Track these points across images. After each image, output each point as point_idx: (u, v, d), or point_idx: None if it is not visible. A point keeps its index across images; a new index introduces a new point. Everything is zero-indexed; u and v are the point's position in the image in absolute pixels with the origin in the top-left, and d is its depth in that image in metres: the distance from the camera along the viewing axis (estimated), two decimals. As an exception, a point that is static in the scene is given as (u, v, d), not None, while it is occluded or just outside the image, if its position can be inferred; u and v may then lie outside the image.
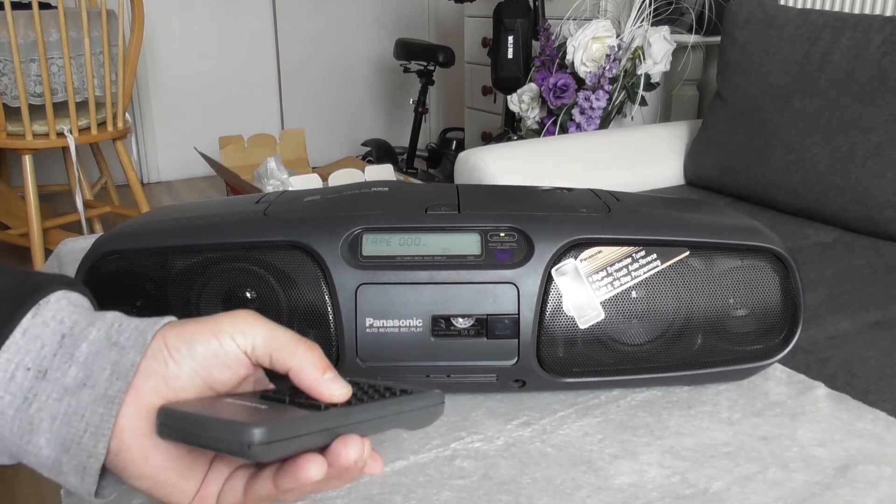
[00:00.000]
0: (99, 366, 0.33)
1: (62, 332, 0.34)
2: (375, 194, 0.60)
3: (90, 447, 0.32)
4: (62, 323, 0.35)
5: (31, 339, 0.34)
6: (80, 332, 0.35)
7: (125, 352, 0.34)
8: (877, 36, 1.44)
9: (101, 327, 0.35)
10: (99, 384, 0.33)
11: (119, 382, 0.33)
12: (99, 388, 0.33)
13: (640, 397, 0.56)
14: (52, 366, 0.33)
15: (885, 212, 1.35)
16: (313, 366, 0.36)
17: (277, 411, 0.35)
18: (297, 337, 0.37)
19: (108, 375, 0.33)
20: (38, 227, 2.17)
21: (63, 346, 0.34)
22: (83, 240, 0.85)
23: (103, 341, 0.34)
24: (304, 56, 3.83)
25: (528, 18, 2.28)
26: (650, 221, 0.55)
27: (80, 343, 0.34)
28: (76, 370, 0.33)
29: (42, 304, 0.35)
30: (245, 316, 0.36)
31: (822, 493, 0.45)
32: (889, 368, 0.92)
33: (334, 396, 0.35)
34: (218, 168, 2.45)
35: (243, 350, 0.36)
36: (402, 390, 0.39)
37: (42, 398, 0.33)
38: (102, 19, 2.19)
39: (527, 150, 1.74)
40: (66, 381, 0.33)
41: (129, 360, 0.33)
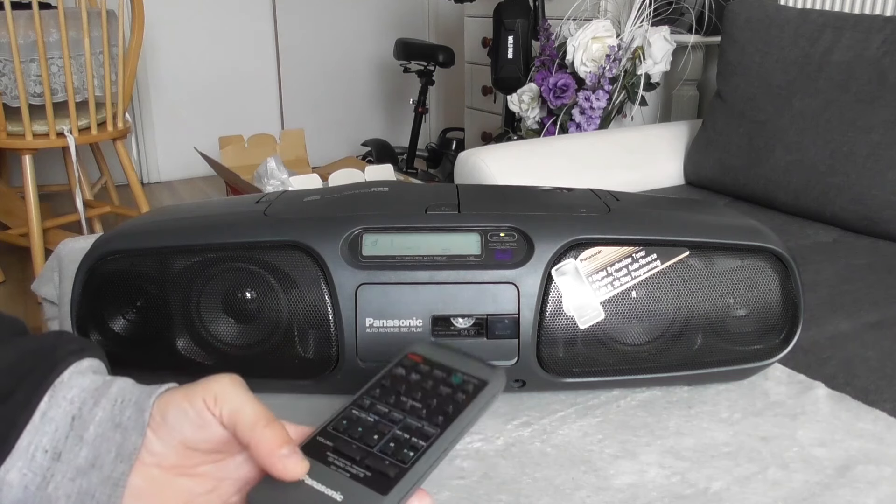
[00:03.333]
0: (105, 448, 0.36)
1: (72, 414, 0.37)
2: (375, 194, 0.60)
3: None
4: (72, 403, 0.37)
5: (47, 422, 0.36)
6: (87, 412, 0.37)
7: (128, 434, 0.36)
8: (877, 36, 1.44)
9: (105, 406, 0.37)
10: (105, 466, 0.35)
11: (123, 465, 0.35)
12: (105, 470, 0.35)
13: (640, 397, 0.56)
14: (66, 448, 0.36)
15: (885, 212, 1.35)
16: (269, 442, 0.35)
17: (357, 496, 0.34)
18: (261, 414, 0.36)
19: (112, 458, 0.35)
20: (38, 227, 2.16)
21: (73, 429, 0.36)
22: (83, 240, 0.85)
23: (108, 423, 0.36)
24: (304, 56, 3.83)
25: (528, 18, 2.28)
26: (650, 221, 0.55)
27: (88, 425, 0.36)
28: (86, 452, 0.36)
29: (57, 384, 0.37)
30: (223, 382, 0.37)
31: (822, 493, 0.45)
32: (889, 368, 0.92)
33: (287, 471, 0.35)
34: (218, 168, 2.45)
35: (212, 413, 0.36)
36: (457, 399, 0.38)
37: (58, 478, 0.35)
38: (102, 19, 2.19)
39: (527, 150, 1.73)
40: (79, 461, 0.36)
41: (132, 443, 0.36)
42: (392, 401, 0.39)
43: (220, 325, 0.53)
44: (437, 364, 0.40)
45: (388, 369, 0.41)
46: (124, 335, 0.54)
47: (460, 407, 0.37)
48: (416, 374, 0.40)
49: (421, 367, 0.40)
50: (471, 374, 0.39)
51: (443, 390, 0.39)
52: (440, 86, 3.92)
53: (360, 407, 0.39)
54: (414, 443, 0.36)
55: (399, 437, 0.36)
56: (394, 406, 0.38)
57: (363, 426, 0.37)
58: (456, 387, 0.39)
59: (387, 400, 0.39)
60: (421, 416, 0.37)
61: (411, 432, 0.36)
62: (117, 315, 0.55)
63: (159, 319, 0.53)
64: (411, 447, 0.36)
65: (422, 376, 0.40)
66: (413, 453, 0.35)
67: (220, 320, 0.53)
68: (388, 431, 0.37)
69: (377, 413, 0.38)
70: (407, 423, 0.37)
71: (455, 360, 0.40)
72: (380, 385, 0.40)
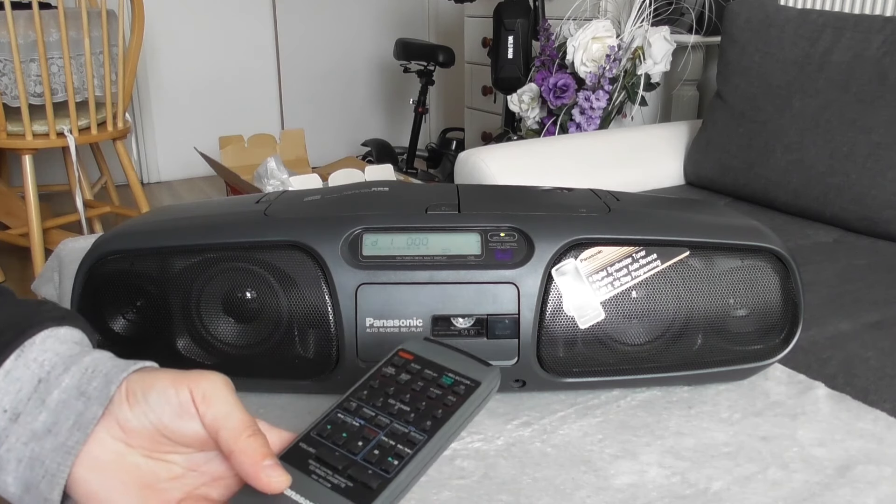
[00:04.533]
0: (65, 415, 0.35)
1: (40, 377, 0.36)
2: (375, 194, 0.60)
3: (46, 492, 0.34)
4: (42, 366, 0.36)
5: (11, 381, 0.35)
6: (55, 377, 0.36)
7: (90, 404, 0.35)
8: (877, 36, 1.44)
9: (75, 373, 0.36)
10: (61, 433, 0.34)
11: (78, 434, 0.34)
12: (60, 437, 0.34)
13: (640, 397, 0.56)
14: (26, 410, 0.35)
15: (885, 212, 1.35)
16: (253, 453, 0.34)
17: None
18: (247, 422, 0.35)
19: (70, 426, 0.34)
20: (38, 227, 2.16)
21: (38, 391, 0.35)
22: (83, 240, 0.85)
23: (73, 390, 0.35)
24: (304, 56, 3.83)
25: (528, 18, 2.28)
26: (650, 221, 0.55)
27: (52, 389, 0.35)
28: (46, 416, 0.35)
29: (27, 345, 0.36)
30: (214, 380, 0.36)
31: (822, 493, 0.45)
32: (889, 368, 0.92)
33: (270, 485, 0.34)
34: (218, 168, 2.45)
35: (197, 409, 0.35)
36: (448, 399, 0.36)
37: (12, 440, 0.34)
38: (102, 19, 2.19)
39: (527, 150, 1.73)
40: (36, 426, 0.35)
41: (92, 413, 0.34)
42: (379, 403, 0.37)
43: (221, 325, 0.53)
44: (428, 363, 0.39)
45: (377, 368, 0.39)
46: (124, 335, 0.54)
47: (450, 410, 0.36)
48: (405, 374, 0.38)
49: (412, 365, 0.39)
50: (463, 375, 0.38)
51: (432, 392, 0.37)
52: (440, 86, 3.92)
53: (345, 410, 0.37)
54: (399, 450, 0.34)
55: (384, 444, 0.35)
56: (381, 409, 0.37)
57: (348, 431, 0.36)
58: (446, 388, 0.37)
59: (374, 402, 0.37)
60: (408, 421, 0.36)
61: (397, 438, 0.35)
62: (117, 315, 0.55)
63: (159, 319, 0.53)
64: (396, 455, 0.34)
65: (412, 376, 0.38)
66: (397, 462, 0.34)
67: (220, 320, 0.53)
68: (374, 437, 0.35)
69: (363, 417, 0.36)
70: (393, 429, 0.35)
71: (448, 358, 0.39)
72: (368, 386, 0.38)
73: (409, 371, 0.39)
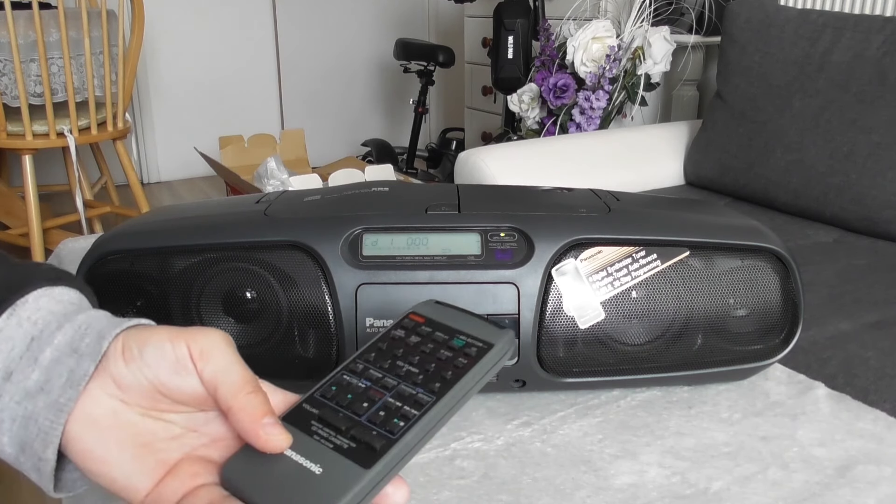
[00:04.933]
0: (57, 372, 0.34)
1: (32, 335, 0.35)
2: (375, 194, 0.60)
3: (40, 451, 0.33)
4: (35, 324, 0.35)
5: (3, 340, 0.35)
6: (48, 335, 0.35)
7: (82, 360, 0.34)
8: (877, 36, 1.44)
9: (67, 331, 0.35)
10: (54, 391, 0.34)
11: (71, 391, 0.33)
12: (53, 395, 0.34)
13: (640, 397, 0.56)
14: (18, 368, 0.34)
15: (885, 212, 1.35)
16: (252, 410, 0.33)
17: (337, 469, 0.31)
18: (248, 378, 0.34)
19: (62, 383, 0.34)
20: (38, 227, 2.16)
21: (30, 350, 0.35)
22: (83, 240, 0.85)
23: (66, 347, 0.35)
24: (304, 56, 3.83)
25: (528, 18, 2.28)
26: (650, 221, 0.55)
27: (45, 347, 0.35)
28: (38, 374, 0.34)
29: (19, 304, 0.35)
30: (212, 335, 0.35)
31: (822, 493, 0.45)
32: (889, 368, 0.92)
33: (269, 443, 0.33)
34: (218, 168, 2.45)
35: (194, 365, 0.34)
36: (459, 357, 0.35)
37: (5, 399, 0.34)
38: (102, 19, 2.19)
39: (527, 150, 1.73)
40: (28, 384, 0.34)
41: (84, 369, 0.34)
42: (387, 365, 0.36)
43: (221, 325, 0.53)
44: (439, 325, 0.37)
45: (386, 331, 0.38)
46: (124, 335, 0.54)
47: (460, 372, 0.34)
48: (415, 337, 0.37)
49: (422, 328, 0.37)
50: (475, 337, 0.36)
51: (443, 354, 0.36)
52: (440, 86, 3.92)
53: (351, 372, 0.36)
54: (405, 412, 0.33)
55: (390, 406, 0.33)
56: (388, 371, 0.35)
57: (353, 393, 0.35)
58: (457, 350, 0.36)
59: (381, 364, 0.36)
60: (416, 383, 0.34)
61: (404, 400, 0.33)
62: (117, 315, 0.54)
63: (159, 320, 0.53)
64: (402, 416, 0.33)
65: (421, 338, 0.37)
66: (403, 423, 0.32)
67: (220, 320, 0.53)
68: (379, 399, 0.34)
69: (369, 378, 0.35)
70: (400, 390, 0.34)
71: (460, 321, 0.38)
72: (375, 348, 0.37)
73: (420, 333, 0.37)
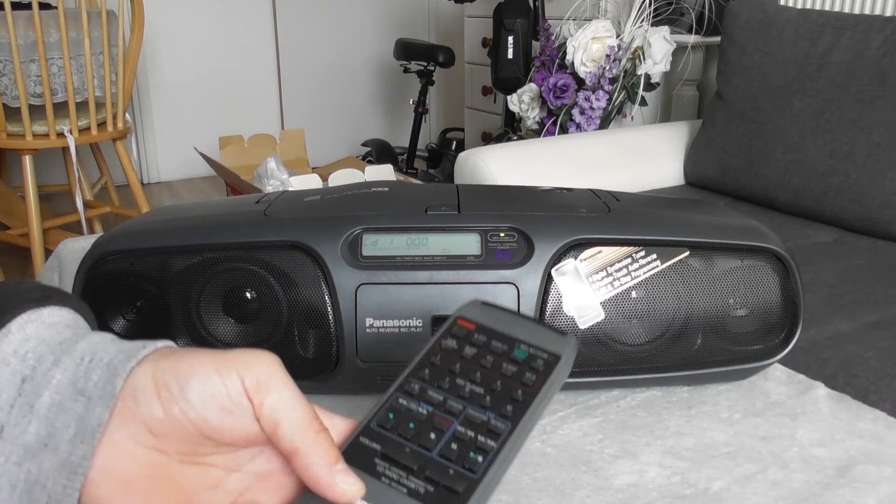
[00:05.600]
0: (63, 422, 0.27)
1: (23, 375, 0.28)
2: (375, 194, 0.60)
3: None
4: (24, 360, 0.28)
5: None
6: (42, 374, 0.28)
7: (91, 405, 0.27)
8: (877, 36, 1.44)
9: (68, 366, 0.28)
10: (62, 447, 0.27)
11: (83, 447, 0.27)
12: (62, 453, 0.27)
13: (640, 397, 0.56)
14: (10, 420, 0.27)
15: (885, 212, 1.35)
16: (324, 453, 0.28)
17: None
18: (313, 414, 0.29)
19: (71, 436, 0.27)
20: (38, 227, 2.16)
21: (23, 395, 0.28)
22: (83, 240, 0.85)
23: (68, 388, 0.28)
24: (304, 56, 3.83)
25: (528, 18, 2.28)
26: (650, 221, 0.55)
27: (41, 391, 0.28)
28: (37, 426, 0.27)
29: (0, 335, 0.29)
30: (266, 361, 0.29)
31: (822, 493, 0.45)
32: (889, 368, 0.92)
33: (345, 495, 0.28)
34: (218, 168, 2.45)
35: (250, 401, 0.28)
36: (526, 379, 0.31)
37: (0, 461, 0.27)
38: (102, 19, 2.19)
39: (527, 150, 1.73)
40: (27, 438, 0.27)
41: (96, 417, 0.27)
42: (446, 385, 0.31)
43: (220, 325, 0.53)
44: (494, 333, 0.33)
45: (435, 341, 0.33)
46: (125, 335, 0.54)
47: (531, 391, 0.30)
48: (470, 348, 0.33)
49: (476, 336, 0.33)
50: (538, 347, 0.32)
51: (507, 369, 0.31)
52: (440, 86, 3.92)
53: (407, 394, 0.31)
54: (482, 443, 0.29)
55: (462, 436, 0.29)
56: (449, 392, 0.31)
57: (415, 420, 0.30)
58: (522, 363, 0.31)
59: (439, 383, 0.31)
60: (485, 405, 0.30)
61: (476, 428, 0.29)
62: (117, 315, 0.55)
63: (159, 320, 0.53)
64: (478, 449, 0.29)
65: (478, 350, 0.32)
66: (482, 458, 0.28)
67: (220, 320, 0.53)
68: (448, 428, 0.29)
69: (430, 402, 0.31)
70: (469, 416, 0.30)
71: (516, 326, 0.33)
72: (428, 363, 0.32)
73: (475, 343, 0.33)
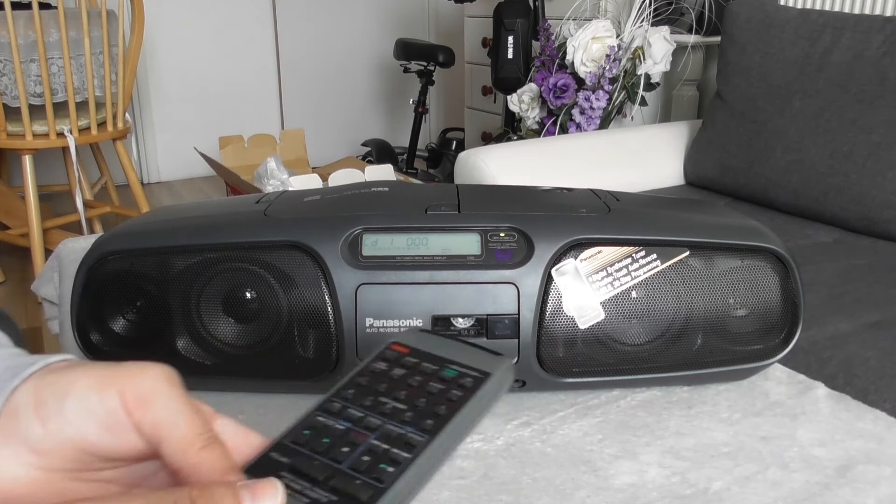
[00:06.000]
0: None
1: None
2: (375, 194, 0.60)
3: None
4: None
5: None
6: None
7: None
8: (877, 36, 1.44)
9: None
10: None
11: None
12: None
13: (640, 397, 0.56)
14: None
15: (885, 212, 1.35)
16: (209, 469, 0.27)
17: None
18: (198, 429, 0.28)
19: None
20: (38, 227, 2.16)
21: None
22: (83, 240, 0.85)
23: None
24: (304, 56, 3.83)
25: (528, 18, 2.28)
26: (650, 221, 0.55)
27: None
28: None
29: None
30: (151, 375, 0.28)
31: (822, 493, 0.45)
32: (889, 368, 0.92)
33: None
34: (218, 168, 2.45)
35: (131, 417, 0.27)
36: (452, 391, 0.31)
37: None
38: (102, 19, 2.19)
39: (527, 150, 1.73)
40: None
41: None
42: (369, 403, 0.31)
43: (220, 325, 0.53)
44: (427, 355, 0.33)
45: (365, 364, 0.33)
46: (124, 335, 0.54)
47: (455, 406, 0.30)
48: (400, 369, 0.33)
49: (407, 359, 0.33)
50: (469, 366, 0.32)
51: (433, 387, 0.31)
52: (440, 86, 3.92)
53: (327, 412, 0.31)
54: (394, 455, 0.28)
55: (376, 449, 0.29)
56: (370, 409, 0.31)
57: (331, 436, 0.29)
58: (450, 381, 0.32)
59: (362, 402, 0.31)
60: (405, 421, 0.30)
61: (391, 441, 0.29)
62: (117, 315, 0.55)
63: (159, 320, 0.53)
64: (391, 461, 0.28)
65: (407, 371, 0.33)
66: (393, 468, 0.28)
67: (220, 320, 0.53)
68: (363, 442, 0.29)
69: (349, 419, 0.30)
70: (387, 430, 0.29)
71: (451, 349, 0.33)
72: (354, 384, 0.32)
73: (405, 365, 0.33)
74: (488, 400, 0.31)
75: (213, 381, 0.54)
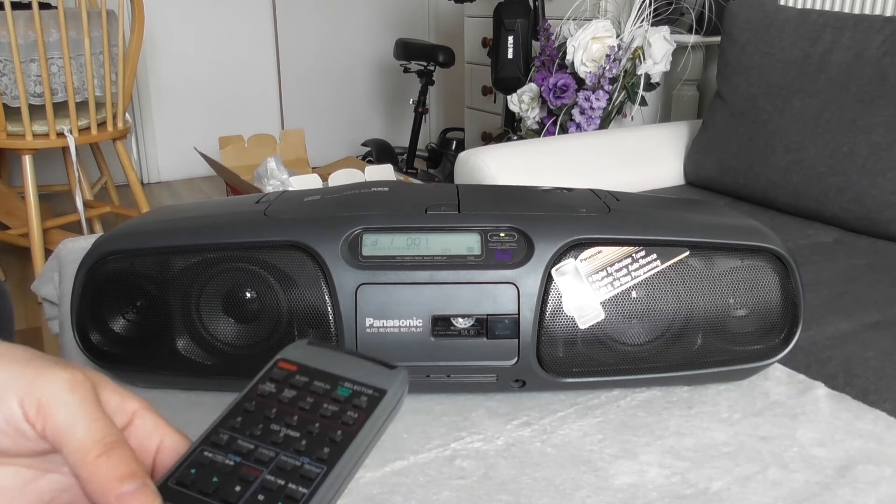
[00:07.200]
0: None
1: None
2: (375, 194, 0.60)
3: None
4: None
5: None
6: None
7: None
8: (877, 36, 1.44)
9: None
10: None
11: None
12: None
13: (640, 397, 0.56)
14: None
15: (885, 212, 1.35)
16: (104, 478, 0.26)
17: None
18: (98, 435, 0.27)
19: None
20: (38, 227, 2.16)
21: None
22: (83, 240, 0.85)
23: None
24: (304, 56, 3.83)
25: (528, 18, 2.28)
26: (650, 221, 0.55)
27: None
28: None
29: None
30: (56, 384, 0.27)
31: (822, 493, 0.45)
32: (889, 368, 0.92)
33: None
34: (218, 168, 2.45)
35: (31, 423, 0.27)
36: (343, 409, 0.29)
37: None
38: (102, 19, 2.19)
39: (527, 150, 1.73)
40: None
41: None
42: (259, 432, 0.29)
43: (220, 325, 0.53)
44: (317, 373, 0.31)
45: (251, 386, 0.31)
46: (124, 335, 0.54)
47: (352, 430, 0.28)
48: (290, 390, 0.30)
49: (296, 378, 0.31)
50: (362, 383, 0.30)
51: (327, 409, 0.29)
52: (440, 86, 3.92)
53: (214, 446, 0.28)
54: (291, 491, 0.26)
55: (270, 486, 0.27)
56: (261, 439, 0.28)
57: (219, 474, 0.27)
58: (345, 401, 0.30)
59: (252, 431, 0.29)
60: (299, 450, 0.28)
61: (287, 476, 0.27)
62: (117, 315, 0.55)
63: (159, 320, 0.53)
64: (288, 498, 0.26)
65: (297, 392, 0.30)
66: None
67: (220, 320, 0.53)
68: (256, 478, 0.27)
69: (238, 452, 0.28)
70: (281, 463, 0.27)
71: (341, 364, 0.32)
72: (241, 410, 0.30)
73: (294, 385, 0.31)
74: (385, 419, 0.30)
75: (213, 381, 0.54)
